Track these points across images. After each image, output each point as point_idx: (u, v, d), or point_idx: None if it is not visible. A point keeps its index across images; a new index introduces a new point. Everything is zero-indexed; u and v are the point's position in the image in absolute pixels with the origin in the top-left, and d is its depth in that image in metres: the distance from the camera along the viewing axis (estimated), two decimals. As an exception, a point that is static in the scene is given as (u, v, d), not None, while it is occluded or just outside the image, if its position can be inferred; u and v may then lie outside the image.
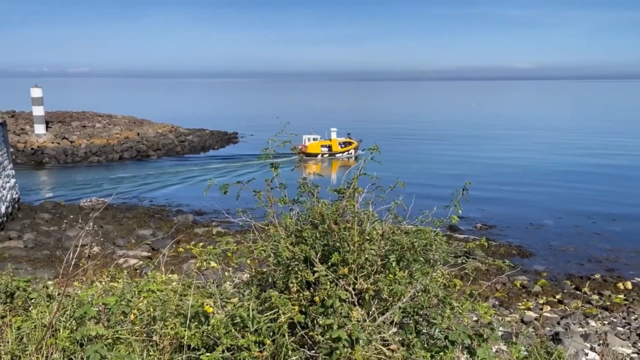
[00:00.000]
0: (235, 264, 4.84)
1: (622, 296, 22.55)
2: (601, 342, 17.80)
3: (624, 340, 18.15)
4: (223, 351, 3.54)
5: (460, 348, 4.23)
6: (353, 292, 3.84)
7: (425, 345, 4.22)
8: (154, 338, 3.99)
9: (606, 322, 20.06)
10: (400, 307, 3.86)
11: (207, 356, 3.50)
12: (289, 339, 3.57)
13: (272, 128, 5.74)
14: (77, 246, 4.28)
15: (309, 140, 60.65)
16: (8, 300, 4.84)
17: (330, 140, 61.33)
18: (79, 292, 4.87)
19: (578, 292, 23.31)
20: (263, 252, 4.20)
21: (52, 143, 61.59)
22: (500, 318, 16.43)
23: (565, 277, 25.00)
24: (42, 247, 28.63)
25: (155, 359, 3.94)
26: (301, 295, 3.82)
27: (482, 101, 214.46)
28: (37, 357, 4.01)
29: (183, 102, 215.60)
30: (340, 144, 61.44)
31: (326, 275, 3.80)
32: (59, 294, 4.74)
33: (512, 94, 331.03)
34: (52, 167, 57.14)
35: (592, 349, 17.39)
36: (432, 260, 4.50)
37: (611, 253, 27.97)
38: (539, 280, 24.40)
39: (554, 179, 47.65)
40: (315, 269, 3.85)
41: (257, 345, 3.53)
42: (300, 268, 3.90)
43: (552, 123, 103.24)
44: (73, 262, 4.82)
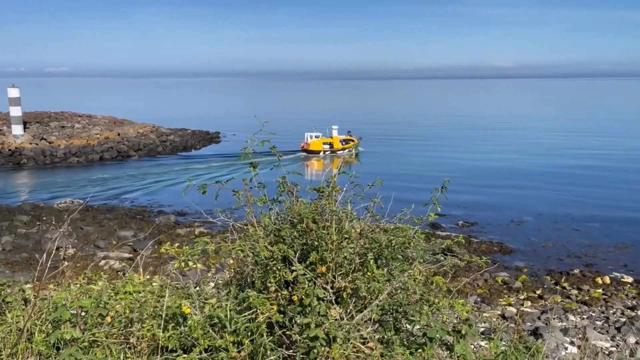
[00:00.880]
0: (213, 264, 4.81)
1: (600, 291, 22.94)
2: (580, 336, 18.10)
3: (602, 334, 18.46)
4: (200, 352, 3.51)
5: (438, 344, 4.27)
6: (331, 291, 3.84)
7: (404, 343, 4.25)
8: (131, 340, 3.95)
9: (585, 317, 20.39)
10: (378, 305, 3.87)
11: (184, 357, 3.47)
12: (267, 339, 3.56)
13: (255, 128, 5.71)
14: (52, 249, 4.21)
15: (311, 137, 61.80)
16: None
17: (332, 137, 62.55)
18: (54, 295, 4.80)
19: (558, 287, 23.65)
20: (241, 252, 4.18)
21: (30, 144, 60.59)
22: (477, 314, 16.60)
23: (545, 272, 25.35)
24: (21, 249, 28.15)
25: (133, 361, 3.90)
26: (279, 294, 3.81)
27: (464, 100, 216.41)
28: (11, 362, 3.94)
29: (164, 101, 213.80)
30: (341, 141, 62.73)
31: (304, 274, 3.80)
32: (34, 297, 4.66)
33: (493, 92, 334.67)
34: (31, 168, 56.20)
35: (571, 343, 17.68)
36: (410, 258, 4.53)
37: (589, 249, 28.44)
38: (520, 276, 24.70)
39: (534, 177, 48.28)
40: (293, 268, 3.84)
41: (235, 345, 3.51)
42: (279, 267, 3.89)
43: (533, 122, 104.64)
44: (50, 265, 4.75)
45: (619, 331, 18.61)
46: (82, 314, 4.43)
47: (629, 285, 23.62)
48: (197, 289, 4.72)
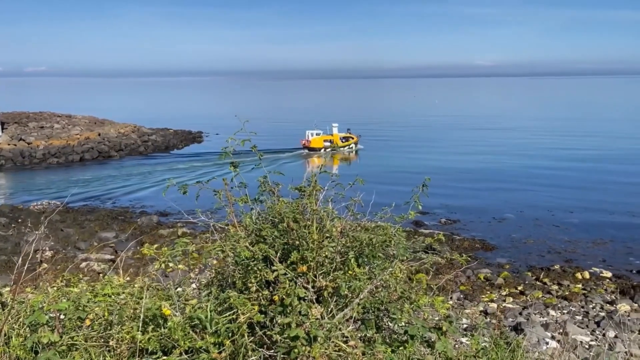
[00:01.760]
0: (193, 265, 4.77)
1: (580, 286, 23.30)
2: (561, 330, 18.38)
3: (582, 328, 18.76)
4: (181, 354, 3.48)
5: (420, 342, 4.30)
6: (312, 290, 3.84)
7: (386, 340, 4.26)
8: (111, 343, 3.91)
9: (565, 311, 20.70)
10: (359, 304, 3.88)
11: (164, 359, 3.44)
12: (248, 339, 3.55)
13: (237, 127, 5.69)
14: (28, 251, 4.14)
15: (312, 135, 62.89)
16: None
17: (332, 135, 63.94)
18: (32, 298, 4.72)
19: (538, 282, 23.97)
20: (221, 252, 4.16)
21: (8, 145, 59.53)
22: (458, 311, 16.76)
23: (526, 268, 25.67)
24: (-1, 252, 27.66)
25: (112, 364, 3.86)
26: (261, 294, 3.79)
27: (445, 99, 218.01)
28: (-13, 367, 3.87)
29: (146, 101, 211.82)
30: (341, 138, 64.24)
31: (285, 274, 3.79)
32: (12, 300, 4.58)
33: (474, 91, 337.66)
34: (9, 169, 55.25)
35: (552, 337, 17.94)
36: (392, 256, 4.55)
37: (569, 244, 28.87)
38: (502, 272, 24.98)
39: (515, 175, 48.86)
40: (274, 267, 3.83)
41: (215, 346, 3.49)
42: (260, 267, 3.87)
43: (512, 121, 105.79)
44: (29, 267, 4.67)
45: (598, 325, 18.92)
46: (62, 317, 4.36)
47: (607, 280, 24.03)
48: (178, 290, 4.68)
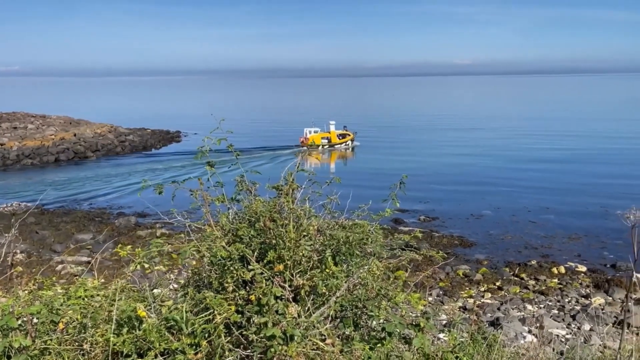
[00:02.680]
0: (168, 266, 4.72)
1: (556, 280, 23.72)
2: (538, 325, 18.69)
3: (558, 322, 19.10)
4: (156, 355, 3.44)
5: (398, 338, 4.32)
6: (289, 289, 3.83)
7: (364, 338, 4.27)
8: (85, 346, 3.84)
9: (542, 306, 21.05)
10: (336, 302, 3.88)
11: (139, 362, 3.39)
12: (225, 340, 3.52)
13: (215, 126, 5.64)
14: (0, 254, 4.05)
15: (310, 132, 64.48)
16: None
17: (329, 132, 65.76)
18: (3, 302, 4.61)
19: (516, 278, 24.33)
20: (197, 252, 4.12)
21: (-20, 146, 58.17)
22: (435, 307, 16.91)
23: (504, 264, 26.03)
24: (-29, 256, 27.01)
25: (87, 367, 3.79)
26: (237, 294, 3.77)
27: (424, 98, 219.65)
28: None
29: (122, 101, 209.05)
30: (338, 135, 66.00)
31: (262, 273, 3.77)
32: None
33: (452, 89, 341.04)
34: (-19, 171, 53.98)
35: (529, 331, 18.23)
36: (369, 254, 4.56)
37: (545, 240, 29.36)
38: (480, 268, 25.29)
39: (492, 173, 49.52)
40: (250, 267, 3.81)
41: (192, 347, 3.46)
42: (236, 267, 3.85)
43: (489, 119, 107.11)
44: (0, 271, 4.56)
45: (574, 319, 19.29)
46: (35, 320, 4.28)
47: (582, 274, 24.51)
48: (154, 291, 4.63)
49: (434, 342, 5.23)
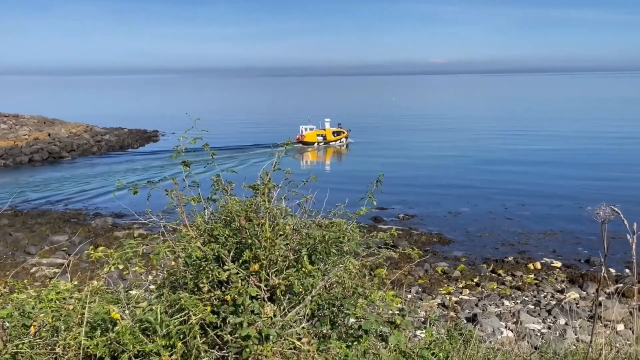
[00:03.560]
0: (143, 267, 4.67)
1: (532, 276, 24.13)
2: (514, 320, 18.99)
3: (534, 317, 19.43)
4: (130, 358, 3.40)
5: (375, 336, 4.34)
6: (265, 289, 3.82)
7: (341, 336, 4.29)
8: (57, 350, 3.78)
9: (519, 301, 21.39)
10: (311, 300, 3.89)
11: (112, 364, 3.35)
12: (200, 340, 3.50)
13: (196, 125, 5.59)
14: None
15: (306, 129, 66.19)
16: None
17: (325, 129, 67.17)
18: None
19: (494, 274, 24.68)
20: (171, 253, 4.08)
21: (-49, 146, 56.73)
22: (411, 304, 17.05)
23: (481, 261, 26.37)
24: (-59, 259, 26.32)
25: (59, 371, 3.73)
26: (212, 295, 3.75)
27: (402, 96, 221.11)
28: None
29: (98, 100, 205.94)
30: (333, 133, 67.47)
31: (237, 273, 3.76)
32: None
33: (429, 88, 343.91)
34: (-49, 172, 52.62)
35: (506, 327, 18.51)
36: (346, 252, 4.57)
37: (522, 236, 29.83)
38: (458, 265, 25.58)
39: (469, 170, 50.15)
40: (226, 267, 3.79)
41: (166, 349, 3.43)
42: (212, 267, 3.82)
43: (466, 117, 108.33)
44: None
45: (549, 313, 19.64)
46: (6, 324, 4.19)
47: (557, 269, 24.98)
48: (129, 292, 4.57)
49: (411, 339, 5.27)
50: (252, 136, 72.34)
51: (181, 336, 3.50)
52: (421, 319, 16.36)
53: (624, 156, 56.30)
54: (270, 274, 3.88)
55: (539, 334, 17.59)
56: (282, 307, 3.81)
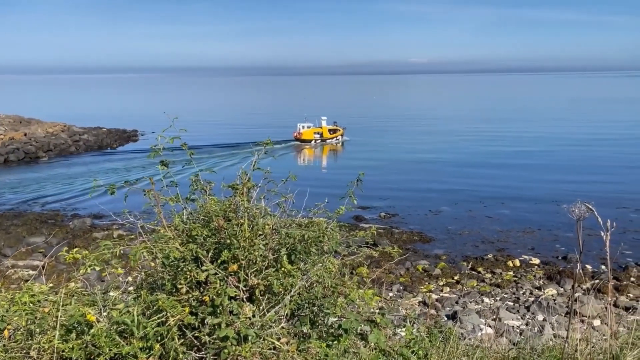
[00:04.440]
0: (124, 268, 4.61)
1: (511, 273, 24.44)
2: (494, 317, 19.21)
3: (513, 313, 19.69)
4: (106, 361, 3.35)
5: (355, 335, 4.35)
6: (244, 289, 3.80)
7: (321, 335, 4.28)
8: (32, 353, 3.70)
9: (498, 298, 21.65)
10: (290, 300, 3.88)
11: (88, 368, 3.30)
12: (178, 342, 3.46)
13: (176, 124, 5.53)
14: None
15: (303, 127, 68.21)
16: None
17: (321, 127, 69.24)
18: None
19: (474, 272, 24.93)
20: (148, 254, 4.03)
21: None
22: (391, 303, 17.16)
23: (462, 258, 26.62)
24: None
25: (34, 375, 3.66)
26: (191, 295, 3.71)
27: (382, 95, 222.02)
28: None
29: (77, 99, 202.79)
30: (329, 130, 69.50)
31: (216, 274, 3.73)
32: None
33: (409, 88, 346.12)
34: None
35: (486, 324, 18.72)
36: (326, 252, 4.57)
37: (501, 234, 30.20)
38: (439, 263, 25.79)
39: (449, 169, 50.61)
40: (204, 267, 3.76)
41: (144, 351, 3.38)
42: (190, 268, 3.78)
43: (445, 117, 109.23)
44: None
45: (528, 310, 19.92)
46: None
47: (536, 266, 25.34)
48: (107, 294, 4.50)
49: (391, 337, 5.29)
50: (233, 136, 72.20)
51: (159, 338, 3.45)
52: (402, 317, 16.46)
53: (600, 156, 57.30)
54: (250, 274, 3.86)
55: (518, 331, 17.82)
56: (261, 308, 3.79)
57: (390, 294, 21.79)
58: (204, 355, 3.49)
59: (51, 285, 4.55)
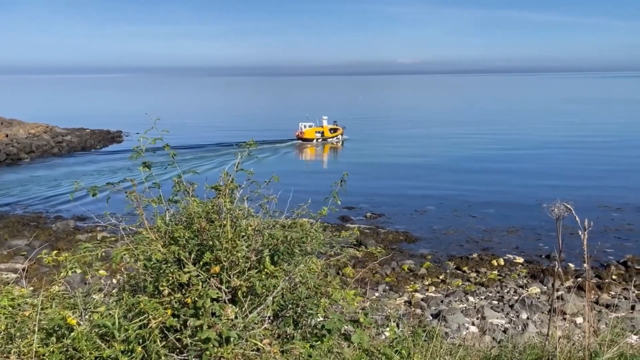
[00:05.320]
0: (108, 271, 4.57)
1: (495, 272, 24.66)
2: (479, 316, 19.38)
3: (498, 312, 19.87)
4: (87, 364, 3.32)
5: (338, 335, 4.36)
6: (227, 291, 3.79)
7: (305, 336, 4.29)
8: (12, 358, 3.66)
9: (483, 297, 21.84)
10: (274, 301, 3.88)
11: (68, 371, 3.27)
12: (160, 344, 3.44)
13: (158, 125, 5.50)
14: None
15: (305, 127, 69.88)
16: None
17: (322, 126, 70.79)
18: None
19: (458, 271, 25.11)
20: (130, 256, 4.01)
21: None
22: (375, 303, 17.22)
23: (447, 258, 26.80)
24: None
25: (14, 380, 3.61)
26: (173, 297, 3.69)
27: (368, 95, 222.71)
28: None
29: (58, 100, 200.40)
30: (330, 130, 71.10)
31: (198, 276, 3.72)
32: None
33: (395, 88, 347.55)
34: None
35: (472, 322, 18.88)
36: (309, 253, 4.57)
37: (486, 234, 30.47)
38: (424, 263, 25.94)
39: (433, 169, 51.00)
40: (186, 269, 3.75)
41: (125, 354, 3.36)
42: (172, 270, 3.77)
43: (431, 115, 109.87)
44: None
45: (512, 308, 20.12)
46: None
47: (520, 265, 25.61)
48: (88, 297, 4.46)
49: (375, 337, 5.32)
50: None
51: (140, 340, 3.44)
52: (386, 317, 16.52)
53: (584, 158, 57.92)
54: (232, 276, 3.86)
55: (502, 329, 18.00)
56: (243, 309, 3.79)
57: (376, 294, 21.86)
58: (186, 358, 3.48)
59: (32, 288, 4.50)
